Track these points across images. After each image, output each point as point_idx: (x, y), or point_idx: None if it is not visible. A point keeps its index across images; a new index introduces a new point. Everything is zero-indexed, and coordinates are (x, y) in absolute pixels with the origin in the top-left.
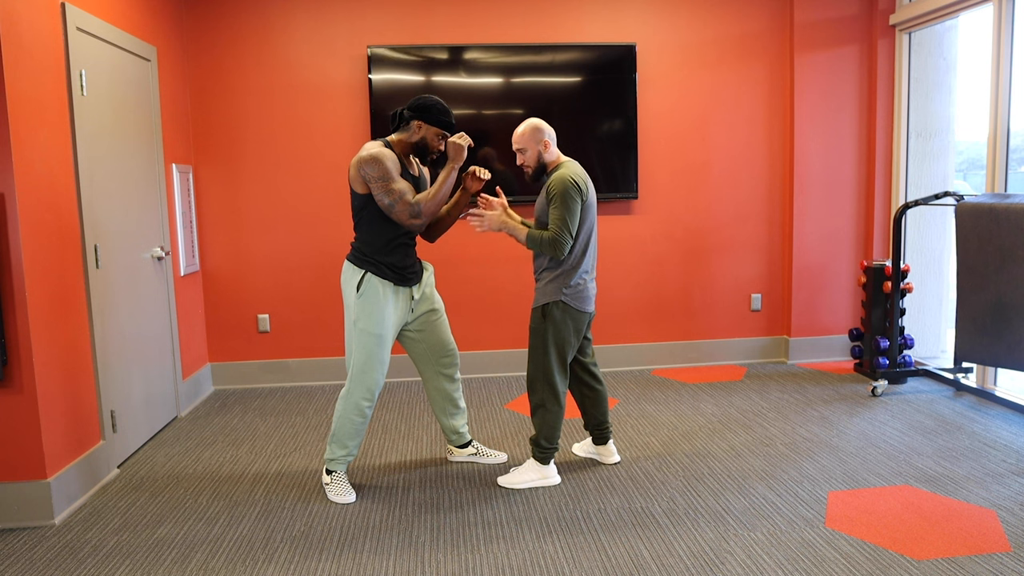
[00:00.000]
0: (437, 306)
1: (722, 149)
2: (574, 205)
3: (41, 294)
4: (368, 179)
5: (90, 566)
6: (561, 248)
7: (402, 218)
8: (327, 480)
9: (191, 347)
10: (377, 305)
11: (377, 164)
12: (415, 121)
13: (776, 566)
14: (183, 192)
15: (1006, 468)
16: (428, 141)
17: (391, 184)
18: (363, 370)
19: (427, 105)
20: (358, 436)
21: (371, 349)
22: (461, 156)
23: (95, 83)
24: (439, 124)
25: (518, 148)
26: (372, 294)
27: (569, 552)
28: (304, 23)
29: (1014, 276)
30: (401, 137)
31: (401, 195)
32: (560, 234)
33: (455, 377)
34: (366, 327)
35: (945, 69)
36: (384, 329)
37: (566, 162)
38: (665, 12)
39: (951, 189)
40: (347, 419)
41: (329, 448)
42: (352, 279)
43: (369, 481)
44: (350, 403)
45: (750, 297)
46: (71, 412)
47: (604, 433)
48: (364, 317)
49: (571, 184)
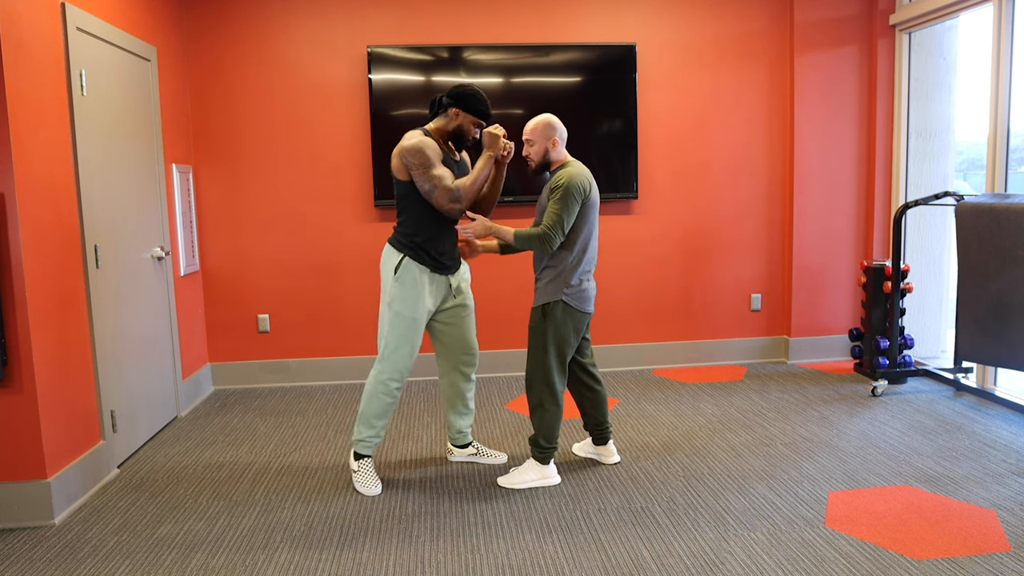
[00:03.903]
0: (469, 303)
1: (722, 149)
2: (573, 205)
3: (41, 294)
4: (410, 167)
5: (90, 566)
6: (550, 243)
7: (442, 203)
8: (354, 467)
9: (191, 347)
10: (413, 289)
11: (419, 152)
12: (453, 108)
13: (776, 566)
14: (183, 192)
15: (1006, 468)
16: (464, 128)
17: (431, 171)
18: (395, 351)
19: (466, 94)
20: (385, 416)
21: (403, 332)
22: (497, 145)
23: (95, 83)
24: (476, 113)
25: (527, 139)
26: (408, 278)
27: (569, 552)
28: (304, 23)
29: (1015, 276)
30: (439, 124)
31: (441, 180)
32: (552, 229)
33: (471, 377)
34: (400, 310)
35: (945, 69)
36: (418, 313)
37: (572, 163)
38: (665, 12)
39: (951, 189)
40: (376, 397)
41: (356, 428)
42: (390, 261)
43: None
44: (379, 382)
45: (750, 297)
46: (71, 412)
47: (604, 433)
48: (399, 300)
49: (576, 184)
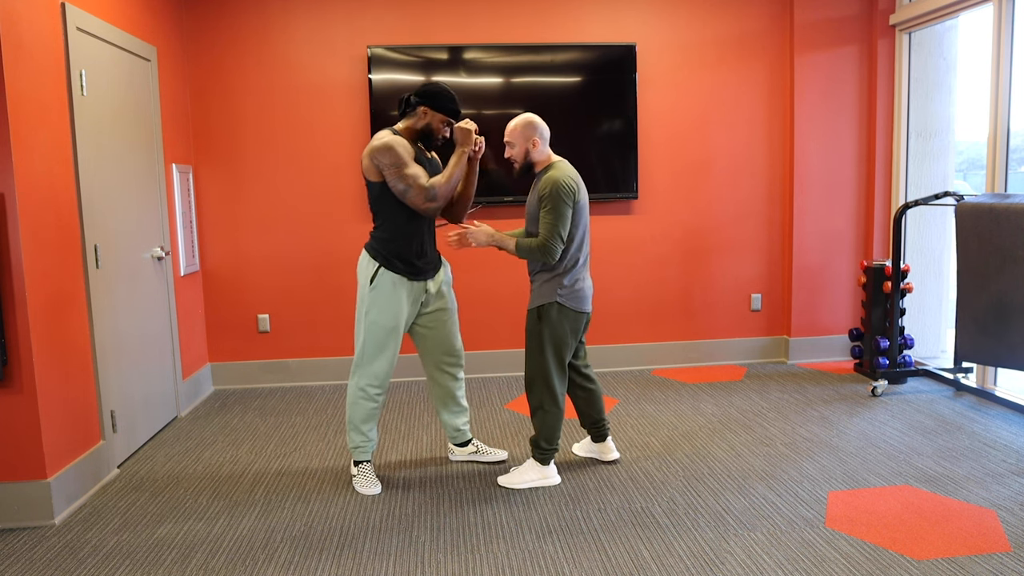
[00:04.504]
0: (449, 305)
1: (722, 149)
2: (566, 210)
3: (41, 294)
4: (381, 167)
5: (90, 566)
6: (552, 254)
7: (417, 202)
8: (354, 471)
9: (191, 347)
10: (389, 299)
11: (389, 151)
12: (421, 107)
13: (776, 566)
14: (183, 192)
15: (1006, 468)
16: (433, 127)
17: (404, 170)
18: (370, 359)
19: (433, 92)
20: (371, 420)
21: (379, 340)
22: (469, 140)
23: (95, 83)
24: (444, 111)
25: (507, 141)
26: (385, 288)
27: (569, 552)
28: (304, 23)
29: (1014, 276)
30: (407, 124)
31: (415, 179)
32: (552, 240)
33: (458, 376)
34: (375, 319)
35: (945, 69)
36: (395, 322)
37: (557, 163)
38: (665, 12)
39: (951, 189)
40: (357, 404)
41: (348, 436)
42: (367, 270)
43: None
44: (359, 389)
45: (750, 297)
46: (71, 412)
47: (601, 430)
48: (375, 310)
49: (563, 188)
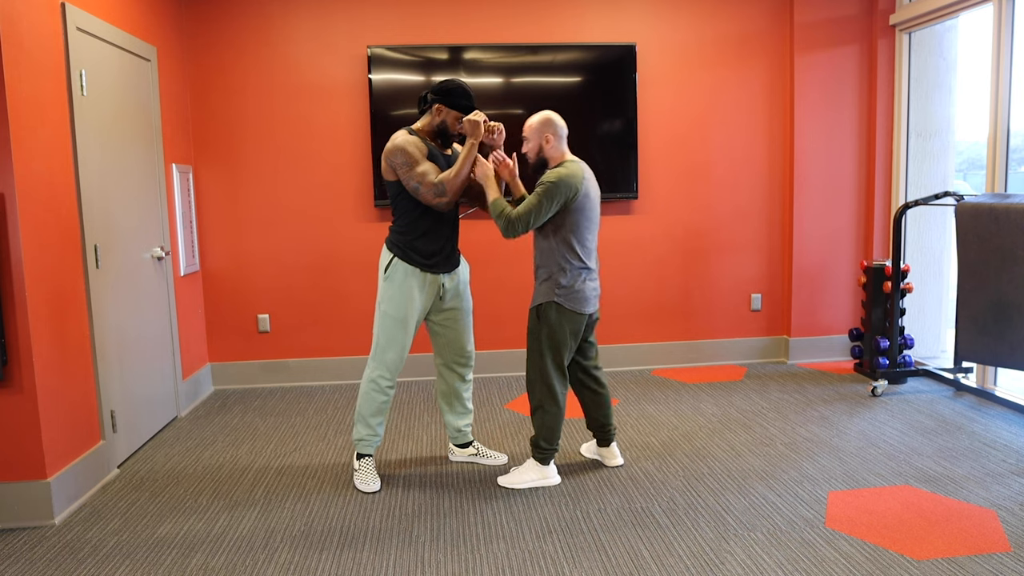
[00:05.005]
0: (464, 305)
1: (722, 149)
2: (550, 203)
3: (41, 294)
4: (395, 167)
5: (90, 566)
6: (511, 230)
7: (428, 199)
8: (356, 466)
9: (191, 347)
10: (400, 290)
11: (400, 152)
12: (436, 104)
13: (776, 566)
14: (183, 192)
15: (1006, 468)
16: (448, 124)
17: (415, 168)
18: (383, 349)
19: (448, 88)
20: (380, 415)
21: (391, 331)
22: (478, 132)
23: (95, 83)
24: (458, 107)
25: (524, 136)
26: (397, 279)
27: (569, 552)
28: (304, 23)
29: (1014, 276)
30: (424, 122)
31: (424, 177)
32: (519, 218)
33: (467, 377)
34: (388, 309)
35: (945, 69)
36: (406, 313)
37: (569, 162)
38: (665, 12)
39: (951, 189)
40: (369, 395)
41: (355, 428)
42: (383, 261)
43: None
44: (371, 380)
45: (750, 297)
46: (71, 412)
47: (607, 435)
48: (387, 300)
49: (563, 184)
